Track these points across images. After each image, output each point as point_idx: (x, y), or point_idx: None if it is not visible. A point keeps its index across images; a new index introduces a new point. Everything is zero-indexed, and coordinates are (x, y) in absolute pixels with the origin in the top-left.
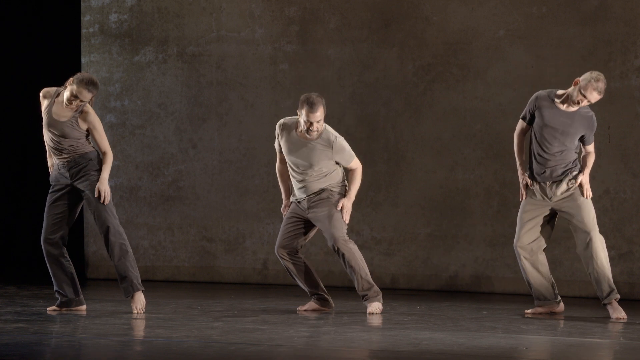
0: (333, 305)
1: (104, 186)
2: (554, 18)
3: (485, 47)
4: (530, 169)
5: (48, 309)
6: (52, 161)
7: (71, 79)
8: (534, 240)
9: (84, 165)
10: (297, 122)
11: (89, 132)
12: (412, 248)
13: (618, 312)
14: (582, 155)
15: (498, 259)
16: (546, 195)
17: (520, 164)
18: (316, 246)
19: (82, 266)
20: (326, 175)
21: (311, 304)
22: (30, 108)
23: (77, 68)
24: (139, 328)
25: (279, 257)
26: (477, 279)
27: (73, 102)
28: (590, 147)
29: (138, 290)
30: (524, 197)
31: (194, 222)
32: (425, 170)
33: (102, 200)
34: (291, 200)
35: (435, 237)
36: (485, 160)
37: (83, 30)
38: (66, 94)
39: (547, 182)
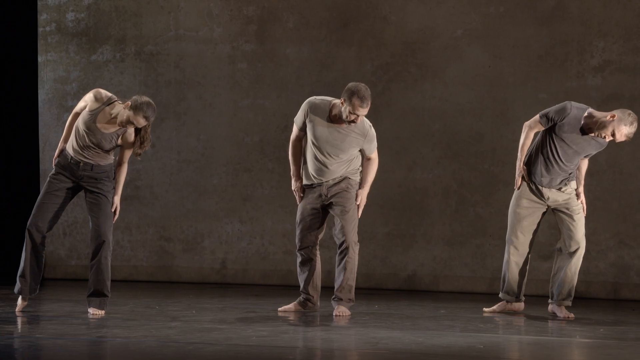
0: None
1: (119, 201)
2: (511, 18)
3: (443, 47)
4: (529, 165)
5: (17, 310)
6: (63, 146)
7: (129, 103)
8: (529, 239)
9: (97, 176)
10: (330, 105)
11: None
12: (370, 247)
13: (566, 313)
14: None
15: (456, 258)
16: (542, 196)
17: (522, 158)
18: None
19: None
20: (349, 161)
21: (295, 305)
22: None
23: (33, 67)
24: (97, 328)
25: (301, 254)
26: (435, 278)
27: (127, 126)
28: (587, 159)
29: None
30: (518, 187)
31: (152, 222)
32: (384, 170)
33: (115, 216)
34: (304, 184)
35: (393, 236)
36: (443, 160)
37: (40, 29)
38: (121, 117)
39: (544, 187)
